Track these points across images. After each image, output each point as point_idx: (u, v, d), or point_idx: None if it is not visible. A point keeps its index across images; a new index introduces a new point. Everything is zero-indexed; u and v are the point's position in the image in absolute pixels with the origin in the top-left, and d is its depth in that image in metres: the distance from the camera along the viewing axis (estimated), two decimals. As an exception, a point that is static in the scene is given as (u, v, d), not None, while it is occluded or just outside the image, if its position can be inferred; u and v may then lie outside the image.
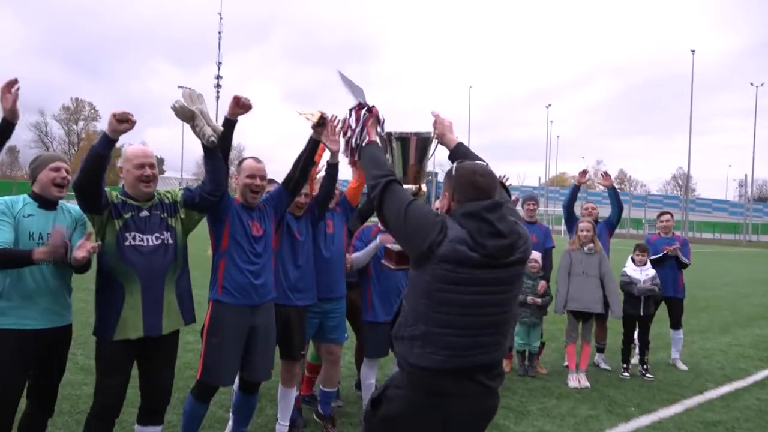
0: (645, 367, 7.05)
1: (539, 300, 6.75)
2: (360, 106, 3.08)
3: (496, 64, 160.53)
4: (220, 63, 71.04)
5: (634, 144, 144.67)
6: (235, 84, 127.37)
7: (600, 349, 7.42)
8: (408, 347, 2.42)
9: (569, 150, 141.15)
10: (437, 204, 2.77)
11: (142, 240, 3.54)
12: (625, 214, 7.73)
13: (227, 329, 3.85)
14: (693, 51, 57.20)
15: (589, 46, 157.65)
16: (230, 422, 4.38)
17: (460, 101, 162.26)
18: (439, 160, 4.31)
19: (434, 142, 3.04)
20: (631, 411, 5.75)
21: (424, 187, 3.06)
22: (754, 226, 66.51)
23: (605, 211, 7.87)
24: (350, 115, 3.05)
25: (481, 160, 2.75)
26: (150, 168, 3.65)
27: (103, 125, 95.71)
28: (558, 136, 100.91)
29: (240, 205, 4.03)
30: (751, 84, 60.60)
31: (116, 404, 3.49)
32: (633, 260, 7.17)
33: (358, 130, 2.98)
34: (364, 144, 2.87)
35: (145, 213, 3.62)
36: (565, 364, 7.25)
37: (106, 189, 3.55)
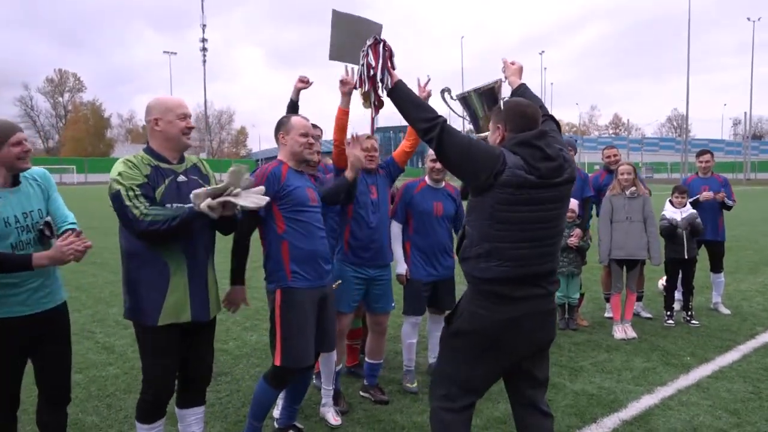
0: (690, 313, 6.77)
1: (575, 240, 6.38)
2: (376, 42, 2.99)
3: (487, 11, 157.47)
4: (204, 25, 69.40)
5: (627, 87, 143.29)
6: (220, 48, 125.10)
7: (638, 298, 7.12)
8: (474, 264, 2.74)
9: (563, 97, 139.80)
10: (490, 138, 2.93)
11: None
12: (623, 158, 7.36)
13: (307, 311, 3.53)
14: (689, -13, 55.67)
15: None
16: (280, 401, 4.05)
17: (452, 52, 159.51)
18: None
19: (501, 87, 3.27)
20: (687, 360, 5.47)
21: None
22: (752, 164, 66.13)
23: (594, 157, 7.57)
24: (368, 53, 2.95)
25: (539, 99, 3.15)
26: (190, 117, 3.27)
27: (89, 96, 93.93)
28: (552, 83, 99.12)
29: (291, 171, 3.63)
30: (748, 19, 59.48)
31: (169, 384, 3.17)
32: (671, 203, 6.80)
33: (380, 65, 2.93)
34: (390, 84, 2.92)
35: (182, 178, 3.20)
36: (607, 315, 6.99)
37: (131, 160, 3.12)
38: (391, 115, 4.31)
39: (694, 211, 6.70)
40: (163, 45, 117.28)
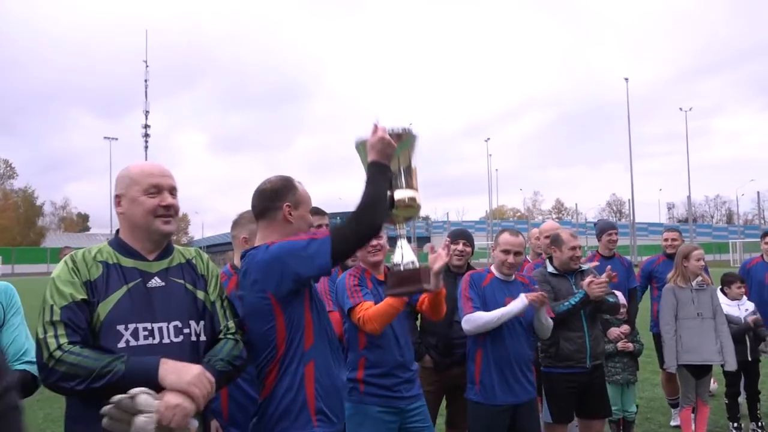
0: (760, 423, 5.80)
1: (630, 345, 5.38)
2: None
3: (432, 98, 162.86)
4: (147, 112, 68.02)
5: (567, 173, 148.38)
6: (163, 132, 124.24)
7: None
8: None
9: (506, 183, 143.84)
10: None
11: (150, 333, 2.13)
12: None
13: None
14: (627, 79, 58.61)
15: (522, 77, 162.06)
16: None
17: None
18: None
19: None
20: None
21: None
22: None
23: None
24: None
25: None
26: (171, 194, 2.24)
27: (20, 183, 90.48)
28: (497, 170, 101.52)
29: None
30: (680, 109, 62.72)
31: None
32: (725, 294, 5.92)
33: None
34: None
35: (157, 282, 2.19)
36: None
37: (75, 259, 2.18)
38: (333, 201, 3.28)
39: (752, 305, 5.84)
40: (103, 130, 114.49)
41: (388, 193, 2.48)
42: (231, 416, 2.87)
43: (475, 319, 3.78)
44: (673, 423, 6.11)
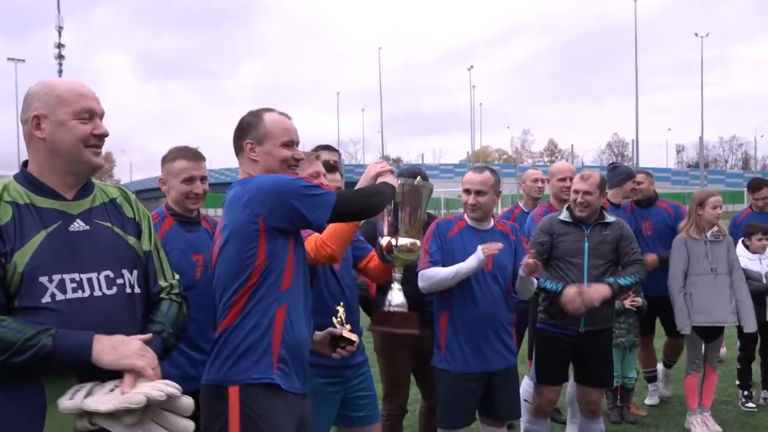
0: (773, 392, 6.00)
1: (639, 300, 5.45)
2: None
3: (408, 19, 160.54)
4: (60, 28, 65.20)
5: (562, 109, 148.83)
6: (78, 54, 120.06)
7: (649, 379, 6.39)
8: None
9: (492, 119, 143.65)
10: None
11: (79, 286, 2.11)
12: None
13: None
14: (635, -1, 57.76)
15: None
16: None
17: (368, 65, 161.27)
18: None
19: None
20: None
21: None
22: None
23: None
24: None
25: None
26: (101, 117, 2.24)
27: None
28: (481, 104, 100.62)
29: None
30: (696, 34, 62.74)
31: None
32: (746, 246, 6.01)
33: None
34: None
35: (79, 225, 2.17)
36: (649, 401, 6.18)
37: None
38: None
39: None
40: (6, 50, 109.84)
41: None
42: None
43: (429, 276, 3.77)
44: (648, 401, 6.23)
